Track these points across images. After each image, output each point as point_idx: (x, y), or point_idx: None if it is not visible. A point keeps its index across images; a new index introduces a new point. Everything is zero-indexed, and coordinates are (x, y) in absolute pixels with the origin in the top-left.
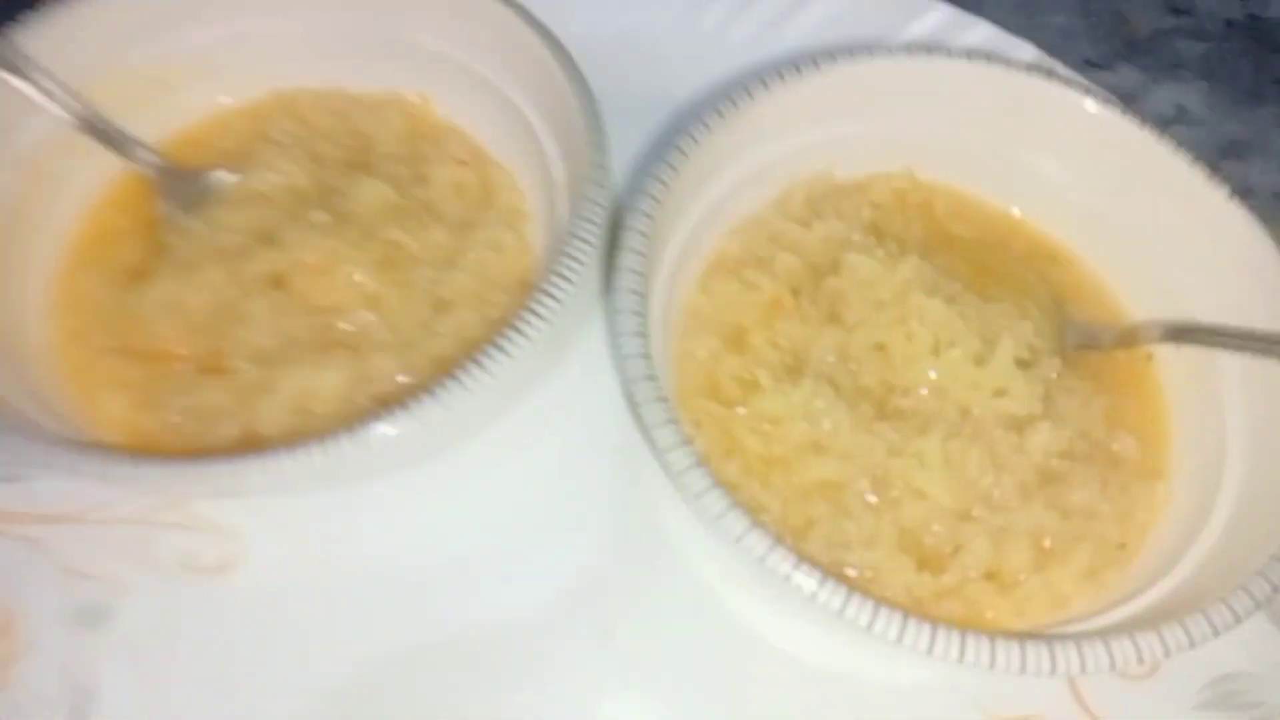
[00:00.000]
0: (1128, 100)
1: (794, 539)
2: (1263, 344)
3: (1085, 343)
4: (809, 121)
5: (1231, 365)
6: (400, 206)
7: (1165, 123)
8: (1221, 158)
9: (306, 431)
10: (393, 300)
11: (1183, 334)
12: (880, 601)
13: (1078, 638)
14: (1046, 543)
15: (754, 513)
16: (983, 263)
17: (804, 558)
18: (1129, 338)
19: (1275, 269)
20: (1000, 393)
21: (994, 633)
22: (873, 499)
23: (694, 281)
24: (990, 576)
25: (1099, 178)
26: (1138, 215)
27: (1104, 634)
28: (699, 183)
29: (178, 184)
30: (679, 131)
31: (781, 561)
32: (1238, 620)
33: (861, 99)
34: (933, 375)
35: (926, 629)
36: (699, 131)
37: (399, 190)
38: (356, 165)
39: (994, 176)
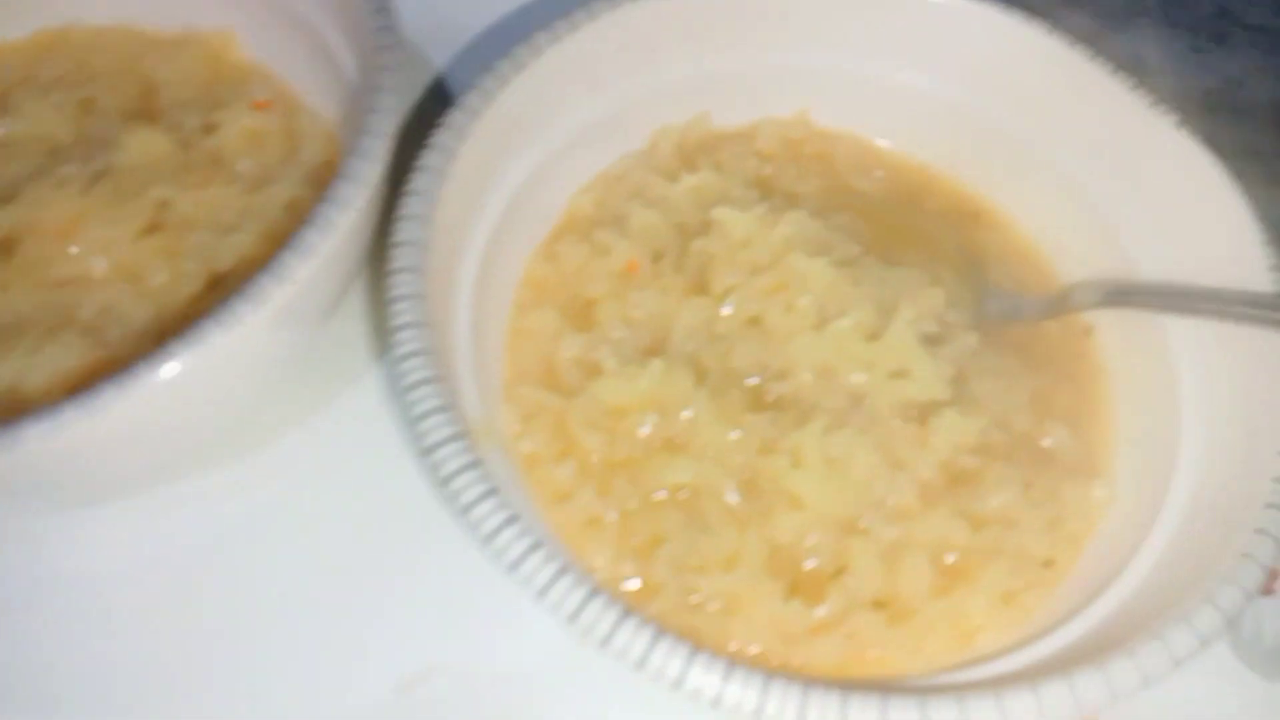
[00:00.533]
0: None
1: (636, 561)
2: (1225, 305)
3: (1011, 314)
4: (674, 53)
5: (1187, 334)
6: (179, 160)
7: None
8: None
9: None
10: (155, 272)
11: (1127, 296)
12: (695, 646)
13: (960, 690)
14: (951, 560)
15: (586, 529)
16: (890, 223)
17: (649, 585)
18: (1063, 303)
19: (1237, 213)
20: (898, 374)
21: (844, 682)
22: (738, 509)
23: (537, 248)
24: (880, 605)
25: (1025, 116)
26: (1073, 160)
27: (997, 683)
28: (521, 130)
29: None
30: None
31: (570, 591)
32: (1175, 662)
33: (740, 22)
34: (818, 355)
35: (738, 677)
36: (507, 67)
37: (180, 142)
38: (138, 114)
39: (904, 120)
